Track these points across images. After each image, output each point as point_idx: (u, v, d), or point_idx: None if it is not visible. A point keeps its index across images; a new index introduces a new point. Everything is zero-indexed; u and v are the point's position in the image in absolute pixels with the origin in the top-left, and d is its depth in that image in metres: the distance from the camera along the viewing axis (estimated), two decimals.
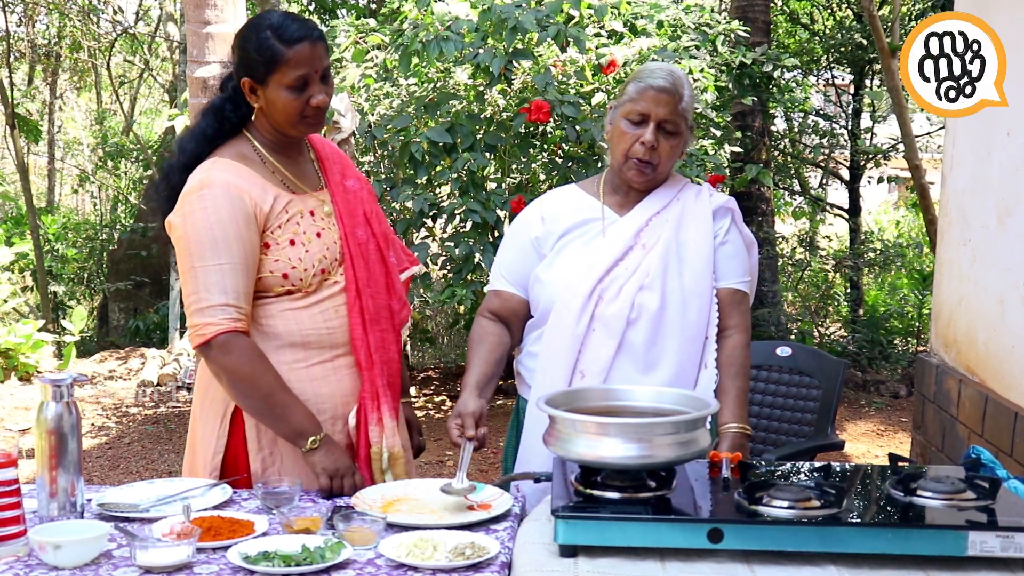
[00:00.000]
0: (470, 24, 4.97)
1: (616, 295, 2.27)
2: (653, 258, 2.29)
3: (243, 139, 2.21)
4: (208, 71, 3.90)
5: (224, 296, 2.06)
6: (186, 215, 2.10)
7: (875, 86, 10.57)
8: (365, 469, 2.22)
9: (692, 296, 2.29)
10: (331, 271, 2.20)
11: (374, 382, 2.22)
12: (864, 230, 10.52)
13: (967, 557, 1.61)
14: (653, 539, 1.64)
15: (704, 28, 6.26)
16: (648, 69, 2.33)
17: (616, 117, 2.33)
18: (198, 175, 2.12)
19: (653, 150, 2.28)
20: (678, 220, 2.34)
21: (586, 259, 2.31)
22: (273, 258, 2.13)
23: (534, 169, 5.59)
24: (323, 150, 2.34)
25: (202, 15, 3.90)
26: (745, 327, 2.38)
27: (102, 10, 11.85)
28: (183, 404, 7.30)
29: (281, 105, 2.12)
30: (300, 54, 2.08)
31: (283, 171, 2.21)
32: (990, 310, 3.19)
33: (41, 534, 1.70)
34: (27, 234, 11.01)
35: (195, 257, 2.07)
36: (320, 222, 2.21)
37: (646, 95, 2.27)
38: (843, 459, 5.79)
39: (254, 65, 2.11)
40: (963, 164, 3.49)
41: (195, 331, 2.08)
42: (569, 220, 2.38)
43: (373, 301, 2.23)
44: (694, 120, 2.45)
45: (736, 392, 2.30)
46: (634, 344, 2.26)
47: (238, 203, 2.09)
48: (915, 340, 8.77)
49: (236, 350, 2.06)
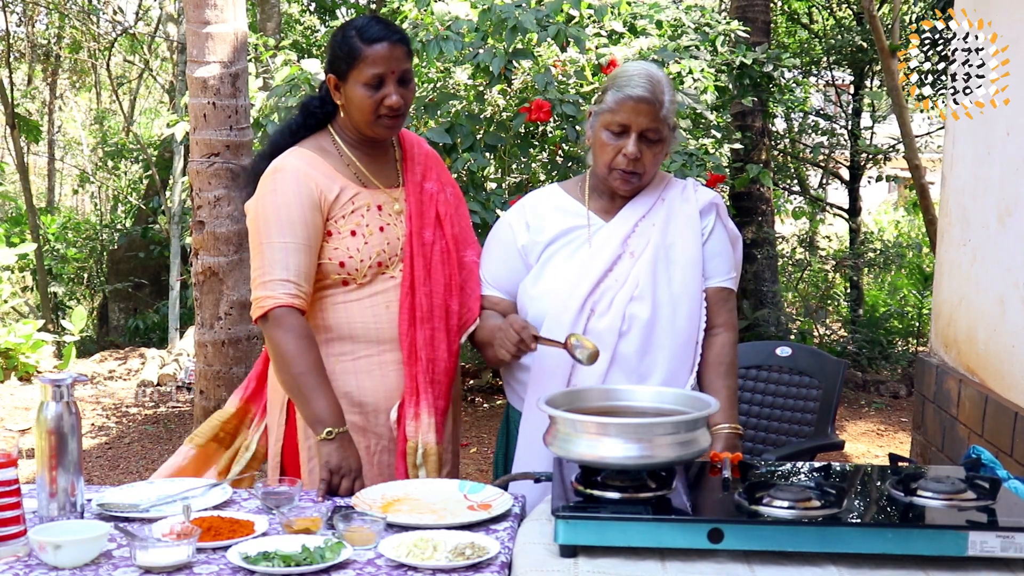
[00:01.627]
0: (470, 24, 4.97)
1: (608, 308, 2.24)
2: (642, 265, 2.27)
3: (325, 133, 2.32)
4: (208, 71, 3.89)
5: (286, 272, 2.16)
6: (258, 198, 2.23)
7: (875, 86, 10.57)
8: (402, 462, 2.27)
9: (682, 301, 2.27)
10: (389, 266, 2.27)
11: (416, 378, 2.27)
12: (864, 230, 10.51)
13: (967, 557, 1.61)
14: (653, 539, 1.64)
15: (704, 28, 6.26)
16: (625, 75, 2.25)
17: (596, 126, 2.28)
18: (274, 163, 2.25)
19: (637, 160, 2.24)
20: (665, 222, 2.31)
21: (574, 269, 2.28)
22: (333, 246, 2.22)
23: (534, 169, 5.59)
24: (411, 151, 2.40)
25: (202, 15, 3.90)
26: (732, 324, 2.36)
27: (102, 10, 11.85)
28: (183, 404, 7.30)
29: (358, 102, 2.21)
30: (378, 53, 2.18)
31: (358, 165, 2.30)
32: (990, 310, 3.19)
33: (41, 534, 1.70)
34: (27, 234, 11.00)
35: (263, 235, 2.19)
36: (387, 218, 2.28)
37: (625, 106, 2.21)
38: (843, 459, 5.79)
39: (337, 62, 2.23)
40: (963, 164, 3.49)
41: (256, 303, 2.18)
42: (555, 228, 2.34)
43: (428, 300, 2.28)
44: (694, 119, 2.44)
45: (727, 392, 2.28)
46: (626, 355, 2.24)
47: (304, 188, 2.20)
48: (915, 340, 8.77)
49: (287, 324, 2.14)
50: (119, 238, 11.72)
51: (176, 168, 9.24)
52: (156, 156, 11.26)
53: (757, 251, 8.07)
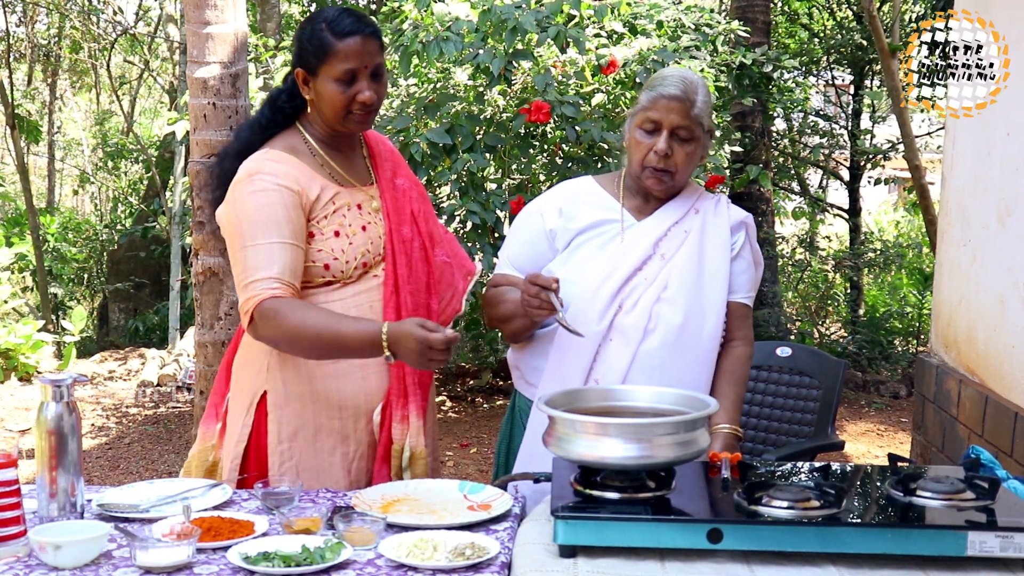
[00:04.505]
0: (470, 25, 4.96)
1: (634, 305, 2.26)
2: (674, 270, 2.30)
3: (295, 131, 2.24)
4: (208, 72, 3.89)
5: (269, 270, 2.06)
6: (235, 202, 2.13)
7: (875, 86, 10.56)
8: (384, 466, 2.22)
9: (711, 310, 2.31)
10: (373, 265, 2.22)
11: (403, 380, 2.22)
12: (864, 230, 10.51)
13: (967, 557, 1.61)
14: (653, 539, 1.64)
15: (704, 28, 6.25)
16: (661, 76, 2.33)
17: (631, 126, 2.33)
18: (247, 165, 2.16)
19: (667, 158, 2.28)
20: (700, 233, 2.34)
21: (603, 263, 2.31)
22: (316, 248, 2.15)
23: (534, 170, 5.58)
24: (376, 147, 2.35)
25: (202, 15, 3.89)
26: (749, 339, 2.41)
27: (102, 10, 11.84)
28: (183, 404, 7.30)
29: (328, 98, 2.14)
30: (350, 47, 2.11)
31: (332, 164, 2.23)
32: (990, 310, 3.19)
33: (41, 534, 1.70)
34: (27, 234, 11.00)
35: (245, 238, 2.09)
36: (367, 216, 2.23)
37: (658, 104, 2.27)
38: (843, 459, 5.79)
39: (306, 56, 2.15)
40: (963, 164, 3.49)
41: (242, 310, 2.08)
42: (588, 217, 2.37)
43: (412, 299, 2.24)
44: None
45: (733, 397, 2.32)
46: (650, 355, 2.25)
47: (286, 189, 2.12)
48: (915, 340, 8.77)
49: (277, 310, 2.03)
50: (119, 238, 11.72)
51: (176, 168, 9.24)
52: (156, 156, 11.26)
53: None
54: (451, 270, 2.40)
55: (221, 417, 2.30)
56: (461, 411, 7.11)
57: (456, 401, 7.35)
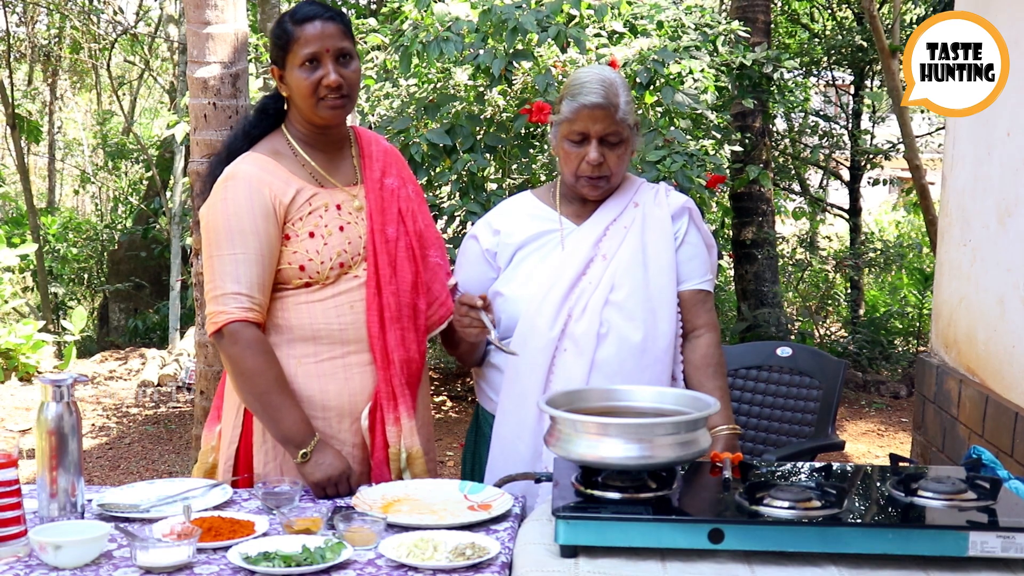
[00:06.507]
0: (470, 25, 4.96)
1: (583, 311, 2.24)
2: (618, 269, 2.27)
3: (279, 134, 2.25)
4: (208, 72, 3.89)
5: (237, 285, 2.09)
6: (209, 207, 2.17)
7: (875, 87, 10.57)
8: (384, 469, 2.22)
9: (662, 307, 2.27)
10: (352, 265, 2.20)
11: (391, 381, 2.20)
12: (864, 230, 10.52)
13: (968, 557, 1.61)
14: (654, 539, 1.64)
15: (704, 28, 6.25)
16: (579, 82, 2.26)
17: (559, 136, 2.29)
18: (227, 170, 2.18)
19: (601, 165, 2.26)
20: (640, 227, 2.31)
21: (547, 272, 2.29)
22: (292, 250, 2.15)
23: (534, 170, 5.58)
24: (368, 148, 2.33)
25: (202, 15, 3.89)
26: (714, 325, 2.36)
27: (102, 10, 11.84)
28: (183, 404, 7.30)
29: (296, 86, 2.15)
30: (309, 33, 2.12)
31: (313, 165, 2.23)
32: (990, 310, 3.19)
33: (41, 534, 1.70)
34: (28, 235, 11.00)
35: (214, 247, 2.13)
36: (347, 216, 2.21)
37: (581, 114, 2.23)
38: (843, 459, 5.79)
39: (275, 51, 2.17)
40: (963, 164, 3.49)
41: (209, 319, 2.12)
42: (526, 231, 2.35)
43: (396, 299, 2.22)
44: (695, 120, 2.44)
45: (719, 393, 2.28)
46: (607, 362, 2.23)
47: (257, 196, 2.13)
48: (915, 340, 8.77)
49: (243, 341, 2.09)
50: (120, 238, 11.73)
51: (176, 168, 9.24)
52: (156, 156, 11.26)
53: (757, 251, 8.07)
54: (445, 271, 2.39)
55: (221, 419, 2.32)
56: (461, 411, 7.11)
57: (456, 401, 7.35)
